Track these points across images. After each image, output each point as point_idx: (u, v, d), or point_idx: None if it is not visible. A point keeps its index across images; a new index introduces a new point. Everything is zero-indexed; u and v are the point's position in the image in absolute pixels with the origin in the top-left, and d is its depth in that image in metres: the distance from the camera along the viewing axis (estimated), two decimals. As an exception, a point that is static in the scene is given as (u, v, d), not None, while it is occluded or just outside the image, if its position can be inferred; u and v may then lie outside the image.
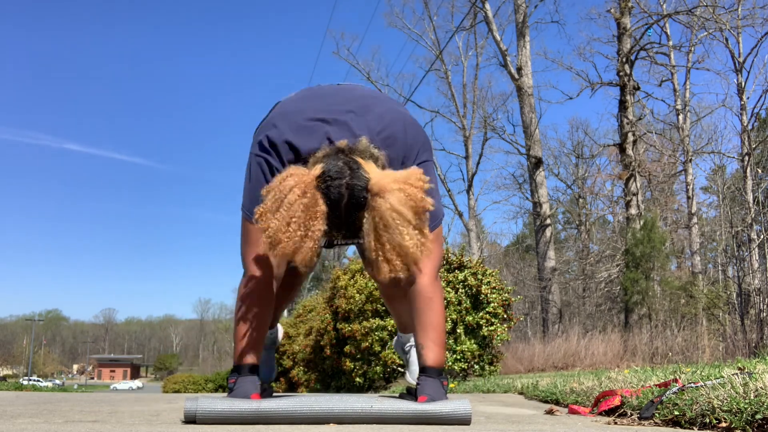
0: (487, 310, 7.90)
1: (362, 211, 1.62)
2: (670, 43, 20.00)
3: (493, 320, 7.89)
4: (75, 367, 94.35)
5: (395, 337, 2.61)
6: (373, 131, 1.87)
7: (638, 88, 17.89)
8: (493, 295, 7.99)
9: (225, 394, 1.88)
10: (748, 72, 17.41)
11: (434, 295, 1.91)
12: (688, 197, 20.07)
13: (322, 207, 1.61)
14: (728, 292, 14.48)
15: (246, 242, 1.95)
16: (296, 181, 1.62)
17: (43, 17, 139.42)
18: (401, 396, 1.88)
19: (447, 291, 7.65)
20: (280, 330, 2.59)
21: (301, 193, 1.60)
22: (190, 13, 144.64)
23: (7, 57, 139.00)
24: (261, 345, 1.90)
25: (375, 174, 1.65)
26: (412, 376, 2.32)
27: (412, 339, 2.43)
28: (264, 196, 1.65)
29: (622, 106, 17.35)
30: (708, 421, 1.57)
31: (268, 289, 1.93)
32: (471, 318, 7.64)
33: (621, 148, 17.59)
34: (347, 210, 1.62)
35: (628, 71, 17.36)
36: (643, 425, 1.70)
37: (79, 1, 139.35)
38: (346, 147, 1.72)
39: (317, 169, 1.65)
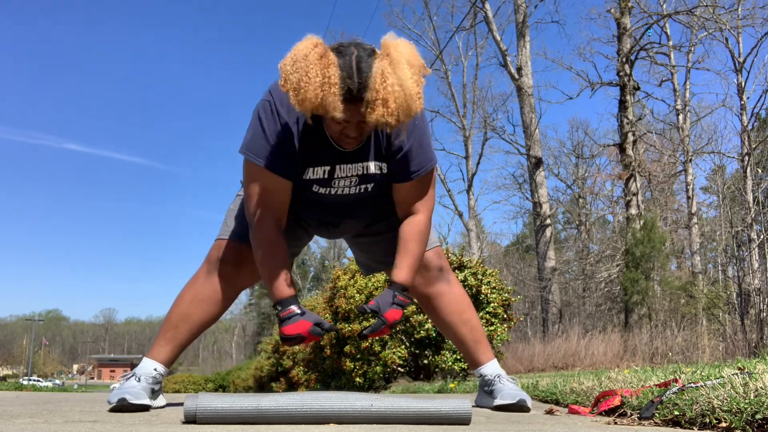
0: (487, 310, 7.90)
1: (372, 65, 1.73)
2: (670, 43, 20.02)
3: (493, 320, 7.89)
4: (75, 367, 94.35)
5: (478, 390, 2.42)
6: None
7: (638, 88, 17.88)
8: (493, 295, 8.00)
9: (225, 394, 1.88)
10: (748, 72, 17.46)
11: (426, 230, 2.09)
12: (688, 197, 20.09)
13: (333, 57, 1.73)
14: (728, 292, 14.49)
15: (250, 196, 2.00)
16: (308, 42, 1.77)
17: (44, 16, 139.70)
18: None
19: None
20: None
21: (313, 45, 1.74)
22: (189, 12, 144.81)
23: (8, 56, 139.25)
24: (290, 278, 1.98)
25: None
26: (502, 399, 2.17)
27: (483, 369, 2.31)
28: (281, 68, 1.76)
29: (622, 106, 17.35)
30: (708, 421, 1.57)
31: (279, 233, 2.01)
32: (471, 318, 7.64)
33: (621, 148, 17.59)
34: (357, 63, 1.73)
35: (628, 71, 17.36)
36: (643, 425, 1.70)
37: (79, 0, 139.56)
38: None
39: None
